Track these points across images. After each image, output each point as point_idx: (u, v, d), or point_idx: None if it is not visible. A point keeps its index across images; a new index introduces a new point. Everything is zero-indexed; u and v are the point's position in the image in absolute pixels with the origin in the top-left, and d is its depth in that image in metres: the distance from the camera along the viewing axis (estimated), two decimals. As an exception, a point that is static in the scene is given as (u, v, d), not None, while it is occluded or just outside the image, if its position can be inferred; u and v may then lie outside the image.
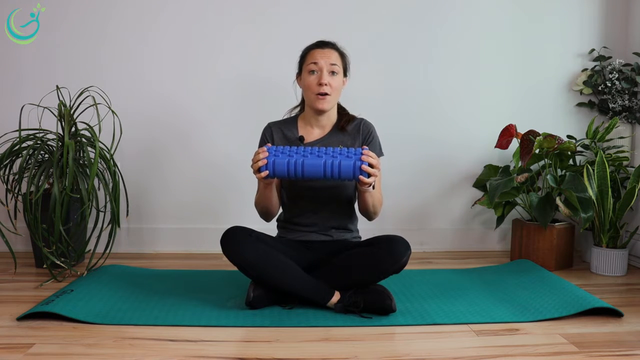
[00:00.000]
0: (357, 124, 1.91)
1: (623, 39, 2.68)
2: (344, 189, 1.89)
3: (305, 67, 1.84)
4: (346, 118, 1.91)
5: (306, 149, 1.66)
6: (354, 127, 1.91)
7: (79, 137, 2.20)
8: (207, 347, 1.48)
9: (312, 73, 1.82)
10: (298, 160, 1.63)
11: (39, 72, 2.50)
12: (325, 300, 1.74)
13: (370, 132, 1.91)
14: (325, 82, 1.79)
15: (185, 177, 2.60)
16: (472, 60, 2.65)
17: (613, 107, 2.57)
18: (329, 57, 1.82)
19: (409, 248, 1.74)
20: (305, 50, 1.89)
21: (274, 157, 1.64)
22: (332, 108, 1.88)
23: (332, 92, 1.82)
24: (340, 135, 1.90)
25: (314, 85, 1.81)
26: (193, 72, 2.56)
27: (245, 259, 1.73)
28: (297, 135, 1.90)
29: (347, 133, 1.90)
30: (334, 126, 1.91)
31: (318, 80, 1.80)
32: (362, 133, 1.90)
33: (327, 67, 1.81)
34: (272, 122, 1.95)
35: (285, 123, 1.94)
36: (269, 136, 1.91)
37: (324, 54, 1.82)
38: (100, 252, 2.22)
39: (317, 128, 1.91)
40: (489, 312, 1.76)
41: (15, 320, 1.64)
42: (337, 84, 1.83)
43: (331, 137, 1.89)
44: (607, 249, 2.27)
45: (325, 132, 1.90)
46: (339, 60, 1.85)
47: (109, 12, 2.51)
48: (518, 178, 2.35)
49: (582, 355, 1.44)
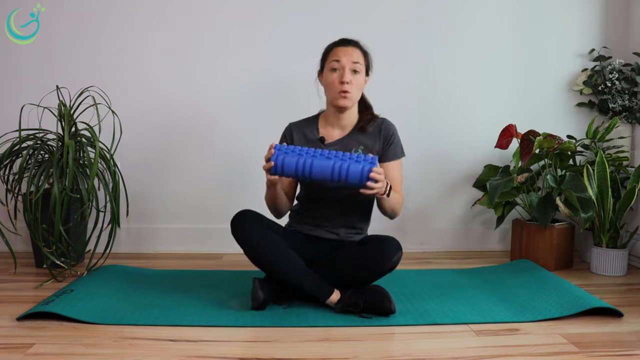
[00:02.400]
0: (378, 125, 1.90)
1: (623, 39, 2.68)
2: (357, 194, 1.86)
3: (328, 64, 1.83)
4: (367, 118, 1.90)
5: (316, 150, 1.65)
6: (374, 128, 1.89)
7: (79, 137, 2.20)
8: (207, 347, 1.48)
9: (334, 71, 1.81)
10: (307, 161, 1.62)
11: (39, 72, 2.50)
12: (325, 297, 1.74)
13: (391, 134, 1.89)
14: (347, 80, 1.79)
15: (185, 177, 2.60)
16: (472, 60, 2.66)
17: (613, 107, 2.57)
18: (351, 55, 1.81)
19: (399, 249, 1.73)
20: (328, 48, 1.87)
21: (284, 155, 1.63)
22: (353, 106, 1.87)
23: (353, 90, 1.81)
24: (361, 136, 1.88)
25: (335, 83, 1.81)
26: (193, 72, 2.56)
27: (253, 242, 1.73)
28: (317, 135, 1.89)
29: (368, 133, 1.88)
30: (355, 127, 1.90)
31: (340, 79, 1.80)
32: (382, 134, 1.89)
33: (350, 65, 1.80)
34: (293, 122, 1.95)
35: (306, 123, 1.93)
36: (289, 137, 1.91)
37: (346, 51, 1.82)
38: (100, 252, 2.22)
39: (337, 128, 1.90)
40: (489, 312, 1.76)
41: (15, 320, 1.64)
42: (358, 82, 1.83)
43: (351, 137, 1.88)
44: (607, 249, 2.27)
45: (346, 132, 1.89)
46: (361, 58, 1.84)
47: (109, 13, 2.51)
48: (518, 178, 2.35)
49: (582, 355, 1.44)
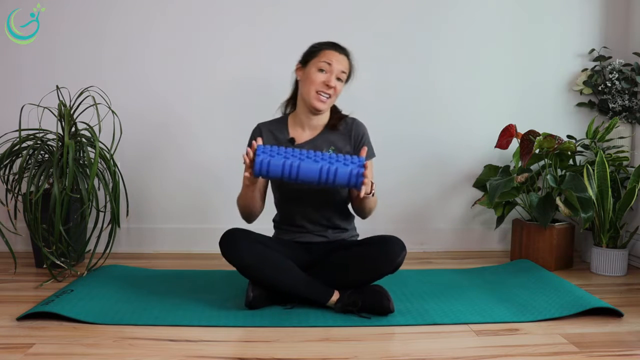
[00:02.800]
0: (349, 124, 1.91)
1: (623, 39, 2.68)
2: (332, 192, 1.87)
3: (316, 62, 1.83)
4: (337, 116, 1.92)
5: (302, 151, 1.64)
6: (345, 127, 1.91)
7: (79, 137, 2.20)
8: (207, 347, 1.48)
9: (321, 71, 1.82)
10: (294, 163, 1.60)
11: (39, 72, 2.50)
12: (324, 299, 1.74)
13: (362, 135, 1.90)
14: (333, 85, 1.81)
15: (185, 177, 2.60)
16: (472, 60, 2.65)
17: (613, 107, 2.57)
18: (341, 64, 1.84)
19: (404, 248, 1.74)
20: (319, 47, 1.87)
21: (269, 157, 1.60)
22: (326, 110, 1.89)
23: (333, 97, 1.84)
24: (331, 135, 1.89)
25: (319, 82, 1.81)
26: (193, 73, 2.56)
27: (244, 260, 1.73)
28: (287, 136, 1.90)
29: (339, 132, 1.90)
30: (325, 126, 1.91)
31: (327, 81, 1.81)
32: (354, 135, 1.89)
33: (338, 73, 1.82)
34: (262, 122, 1.95)
35: (276, 123, 1.94)
36: (258, 136, 1.88)
37: (339, 58, 1.84)
38: (100, 252, 2.22)
39: (308, 129, 1.90)
40: (489, 312, 1.76)
41: (15, 320, 1.64)
42: (339, 91, 1.86)
43: (321, 138, 1.89)
44: (607, 249, 2.27)
45: (316, 132, 1.90)
46: (347, 69, 1.87)
47: (109, 13, 2.51)
48: (518, 178, 2.35)
49: (582, 355, 1.44)
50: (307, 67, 1.85)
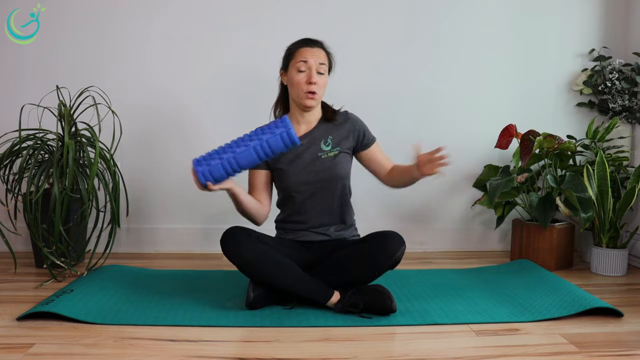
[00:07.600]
0: (344, 117, 1.96)
1: (623, 39, 2.68)
2: (333, 184, 1.89)
3: (294, 64, 1.86)
4: (332, 109, 1.96)
5: (231, 143, 1.69)
6: (340, 117, 1.95)
7: (79, 137, 2.20)
8: (207, 347, 1.48)
9: (301, 72, 1.85)
10: (230, 158, 1.66)
11: (39, 72, 2.50)
12: (325, 299, 1.74)
13: (360, 125, 1.96)
14: (315, 81, 1.84)
15: (185, 177, 2.57)
16: (472, 60, 2.65)
17: (613, 107, 2.57)
18: (318, 57, 1.86)
19: (403, 243, 1.75)
20: (293, 48, 1.90)
21: (207, 165, 1.67)
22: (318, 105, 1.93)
23: (319, 91, 1.87)
24: (327, 126, 1.93)
25: (302, 83, 1.84)
26: (194, 72, 2.56)
27: (245, 259, 1.73)
28: None
29: (335, 123, 1.94)
30: (320, 119, 1.95)
31: (308, 79, 1.84)
32: (355, 129, 1.94)
33: (316, 66, 1.85)
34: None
35: None
36: None
37: (313, 52, 1.86)
38: (100, 252, 2.22)
39: (303, 124, 1.94)
40: (489, 312, 1.76)
41: (15, 320, 1.64)
42: (324, 83, 1.88)
43: (319, 129, 1.93)
44: (607, 249, 2.27)
45: (312, 126, 1.94)
46: (326, 59, 1.89)
47: (109, 12, 2.51)
48: (518, 178, 2.35)
49: (582, 355, 1.44)
50: (289, 71, 1.89)
